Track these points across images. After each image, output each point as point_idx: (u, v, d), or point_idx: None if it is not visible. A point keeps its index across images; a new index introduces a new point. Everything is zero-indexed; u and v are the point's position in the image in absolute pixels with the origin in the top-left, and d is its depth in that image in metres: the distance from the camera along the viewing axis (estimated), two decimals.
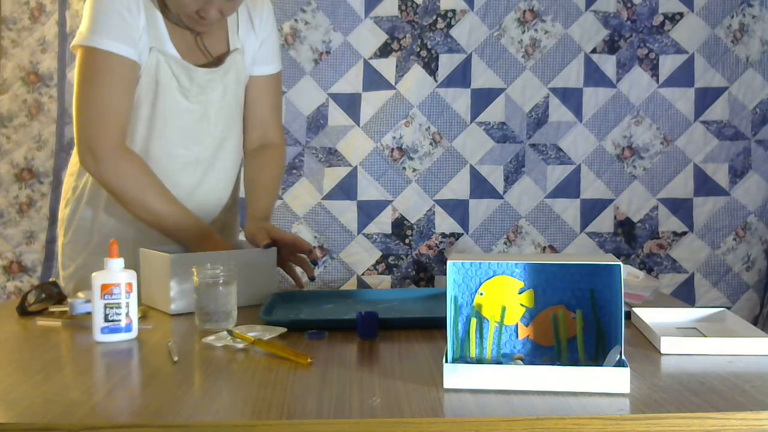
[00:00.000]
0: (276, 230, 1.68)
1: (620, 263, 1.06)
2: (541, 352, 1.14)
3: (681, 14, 2.62)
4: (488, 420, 0.93)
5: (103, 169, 1.61)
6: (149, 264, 1.54)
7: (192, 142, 1.73)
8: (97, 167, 1.61)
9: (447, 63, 2.62)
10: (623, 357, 1.04)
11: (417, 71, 2.61)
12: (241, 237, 1.84)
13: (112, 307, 1.29)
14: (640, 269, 2.32)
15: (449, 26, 2.62)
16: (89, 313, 1.33)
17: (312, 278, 1.68)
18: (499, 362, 1.11)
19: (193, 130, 1.72)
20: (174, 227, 1.66)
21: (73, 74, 1.87)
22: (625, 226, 2.65)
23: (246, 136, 1.85)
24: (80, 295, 1.52)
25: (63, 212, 1.82)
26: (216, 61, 1.73)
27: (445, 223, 2.65)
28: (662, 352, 1.19)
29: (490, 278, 1.15)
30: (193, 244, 1.64)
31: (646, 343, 1.26)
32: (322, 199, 2.63)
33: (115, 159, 1.60)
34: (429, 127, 2.63)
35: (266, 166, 1.85)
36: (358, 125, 2.63)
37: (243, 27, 1.77)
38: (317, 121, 2.63)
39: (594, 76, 2.63)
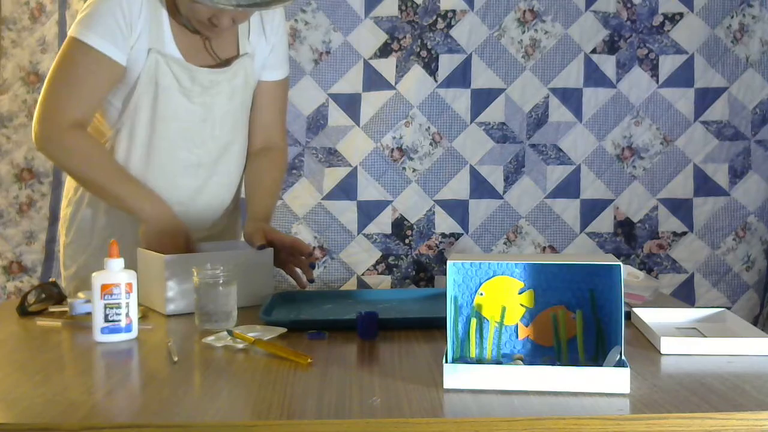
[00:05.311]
0: (275, 232, 1.68)
1: (620, 263, 1.06)
2: (541, 352, 1.14)
3: (681, 14, 2.62)
4: (488, 420, 0.93)
5: (46, 145, 1.63)
6: (146, 265, 1.54)
7: (194, 145, 1.73)
8: (41, 143, 1.63)
9: (447, 63, 2.62)
10: (623, 357, 1.05)
11: (417, 71, 2.61)
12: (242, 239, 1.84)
13: (112, 307, 1.29)
14: (640, 269, 2.32)
15: (449, 26, 2.62)
16: (89, 313, 1.33)
17: (311, 280, 1.68)
18: (499, 362, 1.12)
19: (195, 133, 1.72)
20: (131, 205, 1.64)
21: None
22: (625, 226, 2.65)
23: (249, 139, 1.85)
24: (80, 295, 1.53)
25: (65, 212, 1.82)
26: (223, 64, 1.73)
27: (445, 223, 2.65)
28: (662, 352, 1.20)
29: (490, 278, 1.15)
30: (153, 228, 1.62)
31: (646, 343, 1.26)
32: (322, 199, 2.63)
33: (61, 135, 1.61)
34: (429, 127, 2.63)
35: (268, 168, 1.85)
36: (358, 125, 2.63)
37: (254, 32, 1.77)
38: (317, 121, 2.63)
39: (594, 76, 2.63)
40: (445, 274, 1.12)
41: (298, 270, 1.71)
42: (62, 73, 1.61)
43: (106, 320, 1.29)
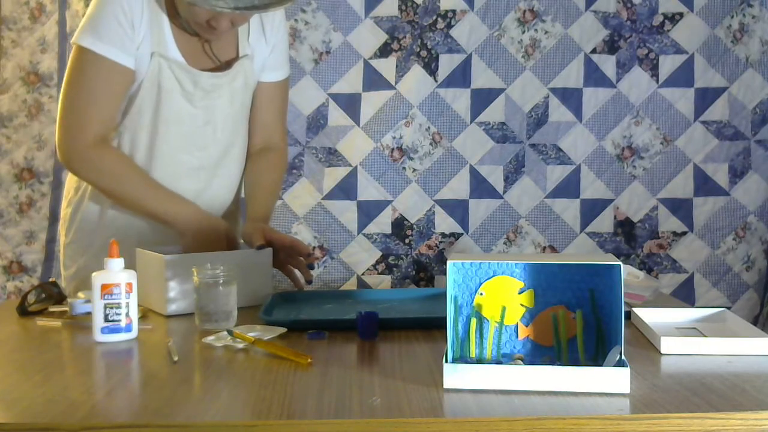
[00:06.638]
0: (274, 232, 1.68)
1: (620, 263, 1.06)
2: (541, 352, 1.14)
3: (681, 14, 2.62)
4: (488, 420, 0.93)
5: (76, 166, 1.65)
6: (145, 265, 1.54)
7: (196, 148, 1.73)
8: (70, 164, 1.65)
9: (447, 63, 2.62)
10: (623, 357, 1.05)
11: (417, 71, 2.61)
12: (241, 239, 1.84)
13: (112, 307, 1.29)
14: (640, 269, 2.32)
15: (449, 26, 2.62)
16: (89, 313, 1.33)
17: (309, 281, 1.68)
18: (499, 362, 1.12)
19: (197, 136, 1.72)
20: (164, 215, 1.65)
21: None
22: (625, 226, 2.65)
23: (249, 139, 1.85)
24: (80, 295, 1.53)
25: (65, 212, 1.82)
26: (224, 66, 1.73)
27: (445, 223, 2.65)
28: (662, 352, 1.20)
29: (490, 278, 1.15)
30: (191, 231, 1.63)
31: (646, 343, 1.26)
32: (322, 199, 2.63)
33: (88, 154, 1.62)
34: (429, 127, 2.63)
35: (268, 168, 1.85)
36: (358, 125, 2.63)
37: (254, 33, 1.77)
38: (317, 121, 2.63)
39: (594, 76, 2.63)
40: (445, 274, 1.12)
41: (297, 271, 1.71)
42: (77, 87, 1.60)
43: (106, 320, 1.29)
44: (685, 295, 2.62)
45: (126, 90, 1.64)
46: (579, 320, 1.13)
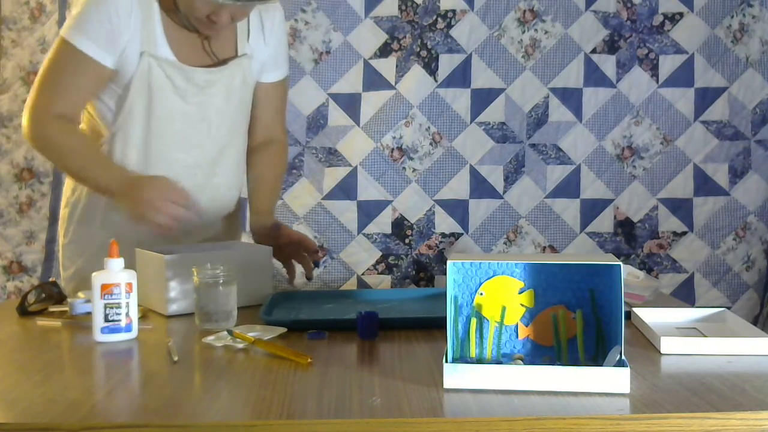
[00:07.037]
0: (284, 227, 1.71)
1: (620, 263, 1.06)
2: (541, 352, 1.14)
3: (681, 14, 2.62)
4: (488, 420, 0.93)
5: (31, 137, 1.65)
6: (144, 265, 1.54)
7: (190, 146, 1.73)
8: (27, 136, 1.66)
9: (447, 63, 2.62)
10: (623, 357, 1.05)
11: (417, 71, 2.61)
12: (243, 239, 1.84)
13: (112, 307, 1.29)
14: (640, 269, 2.32)
15: (449, 26, 2.62)
16: (89, 313, 1.33)
17: (310, 279, 1.69)
18: (499, 362, 1.12)
19: (191, 134, 1.72)
20: (97, 182, 1.63)
21: None
22: (625, 226, 2.65)
23: (250, 136, 1.86)
24: (80, 294, 1.52)
25: (63, 212, 1.82)
26: (221, 64, 1.73)
27: (445, 223, 2.65)
28: (662, 352, 1.20)
29: (490, 278, 1.15)
30: (124, 189, 1.57)
31: (646, 343, 1.26)
32: (322, 199, 2.63)
33: (42, 127, 1.63)
34: (429, 127, 2.63)
35: (270, 161, 1.87)
36: (358, 125, 2.63)
37: (254, 33, 1.77)
38: (317, 121, 2.63)
39: (594, 76, 2.63)
40: (445, 274, 1.12)
41: (298, 266, 1.72)
42: (49, 74, 1.63)
43: (106, 320, 1.29)
44: (685, 295, 2.62)
45: (98, 84, 1.65)
46: (579, 320, 1.13)
